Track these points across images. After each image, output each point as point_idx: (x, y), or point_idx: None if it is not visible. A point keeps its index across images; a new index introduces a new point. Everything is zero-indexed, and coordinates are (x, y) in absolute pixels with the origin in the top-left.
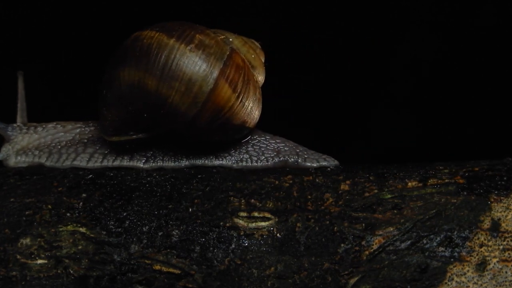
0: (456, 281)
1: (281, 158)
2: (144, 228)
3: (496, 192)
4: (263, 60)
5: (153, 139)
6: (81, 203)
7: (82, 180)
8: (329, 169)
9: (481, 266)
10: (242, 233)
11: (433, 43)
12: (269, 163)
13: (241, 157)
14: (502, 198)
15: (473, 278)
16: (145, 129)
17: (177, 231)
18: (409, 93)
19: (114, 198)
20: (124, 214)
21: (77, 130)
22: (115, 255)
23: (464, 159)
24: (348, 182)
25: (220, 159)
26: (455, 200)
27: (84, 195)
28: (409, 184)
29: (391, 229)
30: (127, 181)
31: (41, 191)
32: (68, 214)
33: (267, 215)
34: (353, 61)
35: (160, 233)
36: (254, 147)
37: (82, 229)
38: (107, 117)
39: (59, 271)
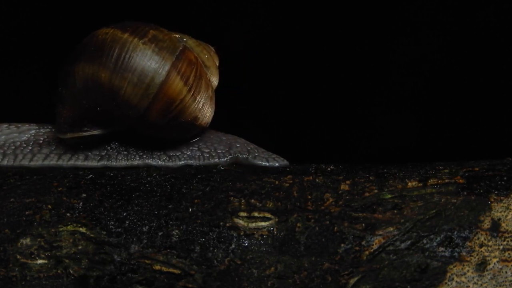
0: (456, 281)
1: (232, 155)
2: (144, 228)
3: (496, 192)
4: (217, 63)
5: (107, 138)
6: (81, 203)
7: (82, 180)
8: (329, 169)
9: (481, 266)
10: (242, 233)
11: (433, 43)
12: (220, 159)
13: (193, 154)
14: (502, 198)
15: (473, 278)
16: (99, 124)
17: (177, 231)
18: (409, 93)
19: (114, 198)
20: (124, 214)
21: (32, 131)
22: (115, 255)
23: (464, 159)
24: (348, 182)
25: (173, 159)
26: (455, 200)
27: (84, 195)
28: (409, 184)
29: (391, 229)
30: (127, 181)
31: (41, 191)
32: (68, 214)
33: (267, 215)
34: (354, 61)
35: (160, 233)
36: (207, 144)
37: (82, 229)
38: (62, 114)
39: (59, 271)
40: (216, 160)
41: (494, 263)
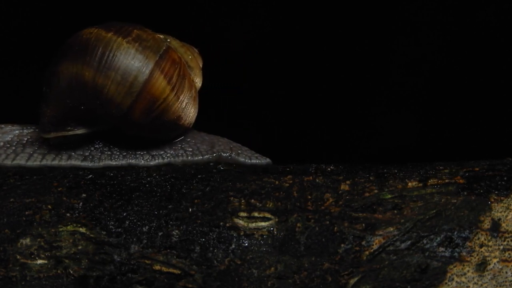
0: (456, 281)
1: (215, 153)
2: (144, 228)
3: (496, 192)
4: (200, 65)
5: (91, 138)
6: (81, 203)
7: (82, 180)
8: (329, 169)
9: (481, 266)
10: (242, 233)
11: (433, 43)
12: (203, 157)
13: (177, 153)
14: (502, 198)
15: (473, 278)
16: (83, 124)
17: (177, 231)
18: (409, 93)
19: (114, 198)
20: (124, 214)
21: (16, 132)
22: (115, 255)
23: (464, 159)
24: (348, 182)
25: (156, 157)
26: (455, 200)
27: (84, 195)
28: (409, 184)
29: (391, 229)
30: (127, 181)
31: (41, 191)
32: (68, 214)
33: (267, 215)
34: (354, 61)
35: (160, 233)
36: (190, 143)
37: (82, 229)
38: (46, 113)
39: (59, 271)
40: (199, 157)
41: (494, 263)
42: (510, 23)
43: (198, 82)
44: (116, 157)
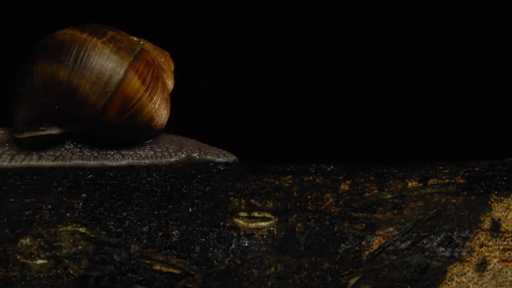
0: (456, 281)
1: (184, 153)
2: (144, 228)
3: (496, 192)
4: (172, 68)
5: (63, 139)
6: (81, 203)
7: (82, 180)
8: (329, 169)
9: (481, 266)
10: (242, 233)
11: (433, 43)
12: (172, 158)
13: (146, 154)
14: (502, 198)
15: (473, 278)
16: (56, 124)
17: (177, 231)
18: (409, 93)
19: (114, 198)
20: (124, 214)
21: None
22: (115, 255)
23: (464, 159)
24: (348, 182)
25: (127, 157)
26: (455, 200)
27: (84, 195)
28: (409, 184)
29: (391, 229)
30: (127, 181)
31: (41, 191)
32: (68, 214)
33: (267, 215)
34: (354, 61)
35: (160, 233)
36: (159, 144)
37: (82, 229)
38: (20, 113)
39: (59, 271)
40: (168, 159)
41: (494, 263)
42: (510, 23)
43: (170, 84)
44: (87, 157)
